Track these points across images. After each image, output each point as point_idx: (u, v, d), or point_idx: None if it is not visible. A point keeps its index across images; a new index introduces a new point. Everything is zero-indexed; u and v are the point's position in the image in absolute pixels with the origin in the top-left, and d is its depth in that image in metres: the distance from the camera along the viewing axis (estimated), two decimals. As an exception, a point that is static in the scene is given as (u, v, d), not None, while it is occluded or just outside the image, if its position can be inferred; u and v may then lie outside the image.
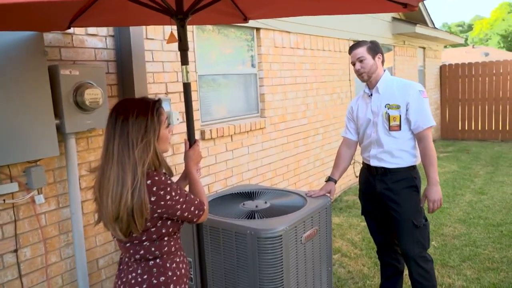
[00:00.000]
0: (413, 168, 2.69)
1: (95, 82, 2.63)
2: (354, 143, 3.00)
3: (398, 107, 2.65)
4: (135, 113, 1.53)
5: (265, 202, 2.69)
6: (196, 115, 3.65)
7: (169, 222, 1.60)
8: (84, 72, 2.58)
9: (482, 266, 3.67)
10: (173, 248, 1.65)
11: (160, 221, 1.57)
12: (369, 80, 2.78)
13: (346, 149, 2.99)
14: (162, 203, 1.53)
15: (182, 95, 3.49)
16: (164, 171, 1.61)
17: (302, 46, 5.19)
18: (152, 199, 1.51)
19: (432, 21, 10.02)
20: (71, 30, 2.66)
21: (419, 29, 7.99)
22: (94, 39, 2.81)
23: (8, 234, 2.41)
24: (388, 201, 2.70)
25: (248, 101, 4.48)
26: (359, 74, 2.77)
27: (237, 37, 4.28)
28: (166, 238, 1.61)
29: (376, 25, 7.14)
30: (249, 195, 2.89)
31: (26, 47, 2.31)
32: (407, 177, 2.67)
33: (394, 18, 7.81)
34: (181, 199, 1.58)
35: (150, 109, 1.56)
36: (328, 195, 2.78)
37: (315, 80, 5.49)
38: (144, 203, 1.47)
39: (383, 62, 2.85)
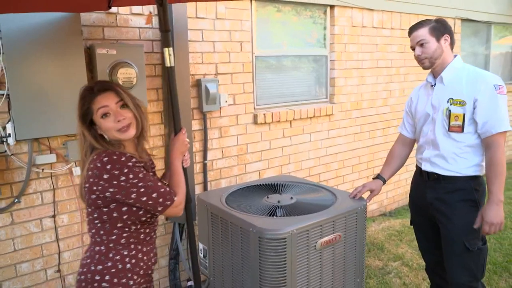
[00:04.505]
0: (475, 178, 2.19)
1: (133, 61, 2.66)
2: (411, 142, 2.58)
3: (463, 103, 2.15)
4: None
5: (291, 198, 2.47)
6: (249, 98, 3.51)
7: (124, 209, 1.53)
8: (121, 51, 2.63)
9: None
10: (124, 240, 1.57)
11: (114, 204, 1.52)
12: (432, 67, 2.32)
13: (400, 146, 2.60)
14: (115, 182, 1.47)
15: (233, 76, 3.38)
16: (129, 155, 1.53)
17: (389, 25, 4.62)
18: (105, 176, 1.47)
19: None
20: (114, 9, 2.71)
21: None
22: (139, 18, 2.84)
23: (47, 201, 2.62)
24: (438, 214, 2.25)
25: (315, 85, 4.17)
26: (419, 60, 2.31)
27: (305, 15, 3.97)
28: (119, 225, 1.55)
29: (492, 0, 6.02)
30: (277, 187, 2.69)
31: (63, 27, 2.42)
32: (465, 188, 2.18)
33: (523, -9, 6.49)
34: (140, 183, 1.50)
35: (80, 95, 1.62)
36: (364, 197, 2.45)
37: (403, 64, 4.87)
38: (83, 175, 1.55)
39: (452, 44, 2.33)
